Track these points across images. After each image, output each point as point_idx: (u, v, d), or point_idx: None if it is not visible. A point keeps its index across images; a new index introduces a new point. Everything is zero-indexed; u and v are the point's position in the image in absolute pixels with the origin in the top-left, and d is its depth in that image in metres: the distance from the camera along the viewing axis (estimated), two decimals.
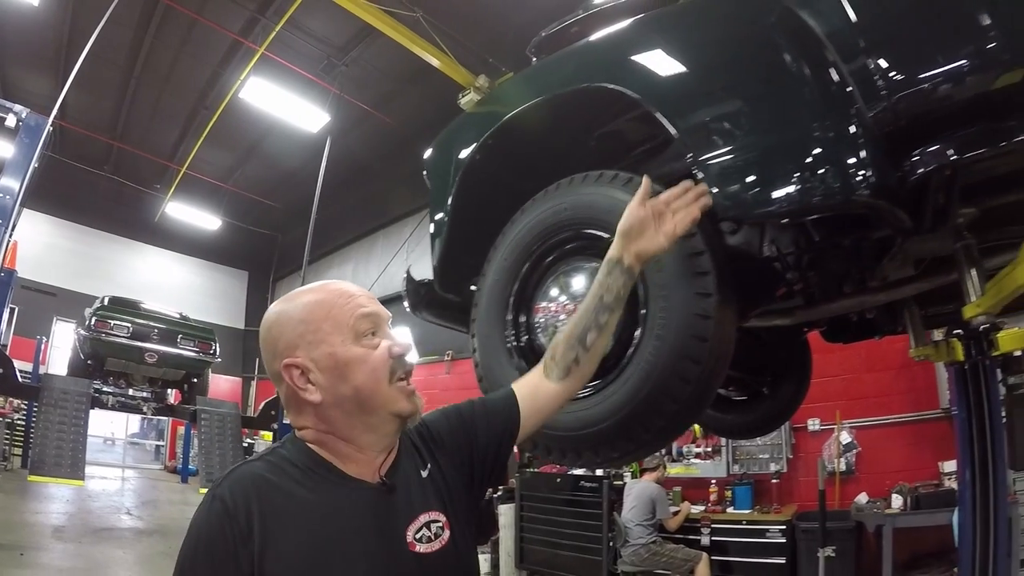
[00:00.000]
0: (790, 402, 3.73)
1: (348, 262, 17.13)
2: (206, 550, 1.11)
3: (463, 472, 1.37)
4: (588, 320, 1.48)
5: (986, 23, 1.60)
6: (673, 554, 6.57)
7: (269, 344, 1.27)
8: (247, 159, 15.65)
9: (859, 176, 1.61)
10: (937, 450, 6.58)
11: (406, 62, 10.46)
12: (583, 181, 2.01)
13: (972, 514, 4.68)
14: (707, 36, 1.97)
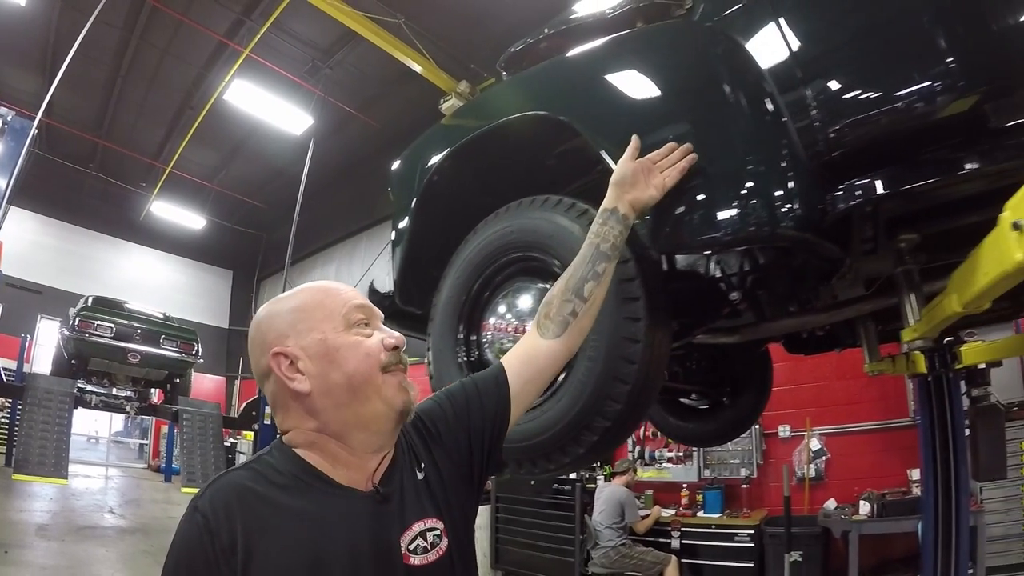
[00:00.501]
0: (750, 411, 3.84)
1: (331, 262, 17.17)
2: (187, 566, 1.06)
3: (462, 463, 1.32)
4: (585, 270, 1.47)
5: (918, 61, 1.69)
6: (642, 556, 6.67)
7: (258, 340, 1.21)
8: (232, 159, 15.70)
9: (785, 210, 1.68)
10: (906, 458, 6.65)
11: (390, 66, 10.57)
12: (529, 205, 2.09)
13: (934, 523, 4.78)
14: (651, 67, 2.03)
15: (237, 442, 13.57)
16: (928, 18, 1.69)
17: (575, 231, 1.88)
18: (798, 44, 1.83)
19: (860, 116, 1.74)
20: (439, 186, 2.51)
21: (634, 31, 2.19)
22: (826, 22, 1.87)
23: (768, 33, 1.89)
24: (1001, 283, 1.49)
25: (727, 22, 2.01)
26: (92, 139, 14.86)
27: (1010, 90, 1.59)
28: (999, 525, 5.79)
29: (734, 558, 6.92)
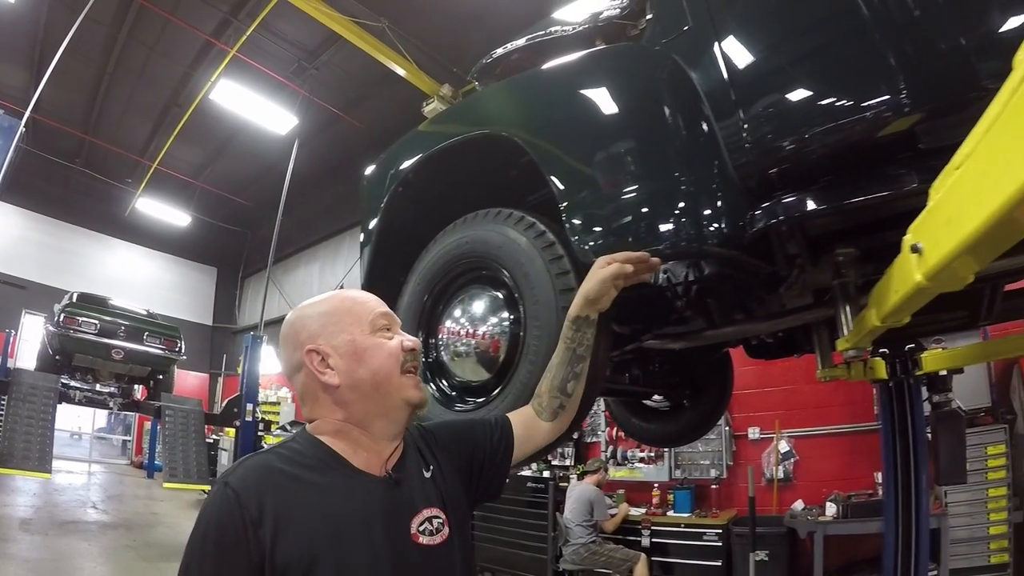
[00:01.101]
0: (711, 413, 3.91)
1: (315, 261, 17.25)
2: (216, 535, 1.15)
3: (463, 475, 1.47)
4: (566, 372, 1.67)
5: (844, 86, 1.79)
6: (612, 554, 6.77)
7: (291, 337, 1.37)
8: (218, 157, 15.76)
9: (713, 228, 1.81)
10: (873, 461, 6.68)
11: (374, 67, 10.65)
12: (483, 217, 2.20)
13: (895, 524, 4.91)
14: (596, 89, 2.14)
15: (219, 439, 13.59)
16: (855, 47, 1.79)
17: (522, 243, 2.00)
18: (734, 68, 1.94)
19: (786, 140, 1.84)
20: (408, 192, 2.61)
21: (582, 55, 2.28)
22: (761, 48, 1.98)
23: (708, 57, 2.00)
24: (910, 301, 1.54)
25: (672, 45, 2.11)
26: (79, 135, 14.86)
27: (942, 112, 1.67)
28: (964, 528, 5.90)
29: (702, 557, 7.04)
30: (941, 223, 1.22)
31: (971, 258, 1.19)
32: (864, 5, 1.73)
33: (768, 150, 1.86)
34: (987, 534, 5.87)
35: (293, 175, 12.21)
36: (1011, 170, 0.91)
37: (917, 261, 1.36)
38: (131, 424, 18.52)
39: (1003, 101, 0.94)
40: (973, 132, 1.07)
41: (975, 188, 1.05)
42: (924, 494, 4.81)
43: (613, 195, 1.93)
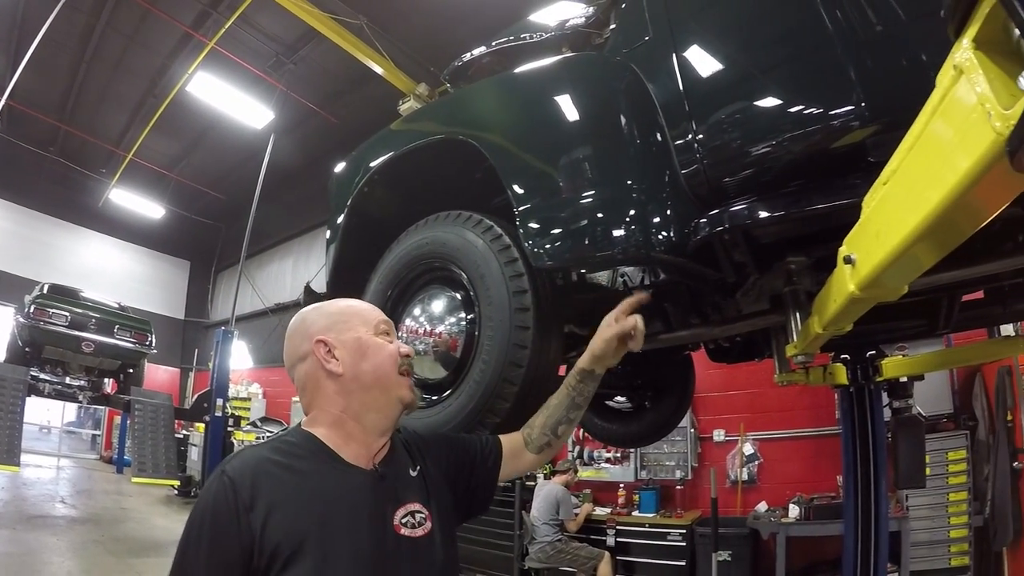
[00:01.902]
0: (672, 415, 3.97)
1: (289, 256, 17.14)
2: (212, 517, 1.25)
3: (449, 481, 1.57)
4: (561, 415, 1.76)
5: (794, 102, 1.85)
6: (577, 552, 6.84)
7: (301, 329, 1.51)
8: (193, 149, 15.59)
9: (660, 235, 1.86)
10: (836, 464, 6.70)
11: (352, 64, 10.61)
12: (444, 219, 2.25)
13: (855, 527, 4.98)
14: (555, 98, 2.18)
15: (189, 434, 13.49)
16: (806, 65, 1.86)
17: (479, 246, 2.06)
18: (689, 80, 2.00)
19: (735, 151, 1.90)
20: (375, 190, 2.65)
21: (542, 63, 2.34)
22: (716, 61, 2.03)
23: (665, 68, 2.05)
24: (847, 311, 1.58)
25: (633, 56, 2.17)
26: (54, 123, 14.61)
27: (891, 127, 1.66)
28: (925, 531, 6.01)
29: (666, 556, 7.14)
30: (871, 236, 1.26)
31: (899, 271, 1.24)
32: (815, 25, 1.79)
33: (717, 160, 1.92)
34: (948, 537, 5.99)
35: (268, 170, 12.14)
36: (931, 188, 0.94)
37: (850, 272, 1.41)
38: (101, 418, 18.26)
39: (924, 121, 0.98)
40: (899, 148, 1.11)
41: (900, 203, 1.09)
42: (883, 497, 4.88)
43: (566, 201, 1.98)
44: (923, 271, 1.28)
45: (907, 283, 1.36)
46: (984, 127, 0.75)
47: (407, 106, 10.00)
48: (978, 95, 0.76)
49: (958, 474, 6.08)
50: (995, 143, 0.74)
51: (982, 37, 0.78)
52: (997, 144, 0.74)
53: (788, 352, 2.32)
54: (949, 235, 1.05)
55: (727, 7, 2.09)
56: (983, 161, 0.79)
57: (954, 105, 0.85)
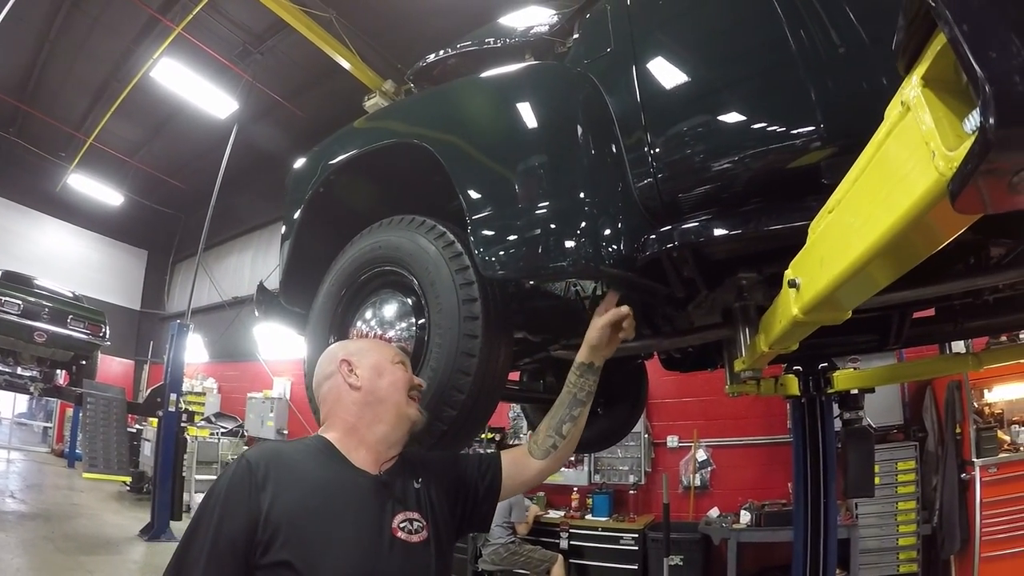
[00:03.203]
0: (624, 422, 3.97)
1: (249, 249, 16.84)
2: (227, 490, 1.40)
3: (449, 499, 1.68)
4: (564, 414, 1.85)
5: (750, 121, 1.87)
6: (531, 555, 6.87)
7: (328, 357, 1.71)
8: (155, 136, 15.21)
9: (611, 249, 1.86)
10: (787, 471, 6.77)
11: (319, 58, 10.45)
12: (397, 224, 2.23)
13: (804, 534, 5.08)
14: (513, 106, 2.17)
15: (142, 428, 13.18)
16: (764, 83, 1.87)
17: (431, 251, 2.04)
18: (647, 93, 2.02)
19: (689, 167, 1.92)
20: (333, 188, 2.61)
21: (501, 72, 2.33)
22: (675, 77, 2.05)
23: (624, 81, 2.08)
24: (791, 332, 1.59)
25: (593, 67, 2.19)
26: (13, 102, 14.14)
27: (847, 151, 1.66)
28: (874, 538, 6.19)
29: (619, 560, 7.22)
30: (816, 262, 1.28)
31: (842, 297, 1.25)
32: (775, 47, 1.81)
33: (670, 175, 1.94)
34: (896, 545, 6.19)
35: (230, 160, 11.90)
36: (874, 221, 0.95)
37: (795, 296, 1.43)
38: (53, 410, 17.82)
39: (869, 154, 0.98)
40: (846, 178, 1.12)
41: (844, 233, 1.10)
42: (832, 505, 4.99)
43: (518, 211, 1.97)
44: (867, 298, 1.29)
45: (850, 308, 1.38)
46: (927, 166, 0.76)
47: (373, 102, 9.91)
48: (923, 133, 0.77)
49: (907, 484, 6.27)
50: (937, 183, 0.74)
51: (931, 75, 0.79)
52: (939, 184, 0.74)
53: (736, 367, 2.34)
54: (891, 267, 1.07)
55: (690, 24, 2.12)
56: (925, 200, 0.79)
57: (900, 141, 0.85)
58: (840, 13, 1.75)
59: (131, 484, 11.58)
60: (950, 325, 2.77)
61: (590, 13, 2.37)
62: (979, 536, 5.65)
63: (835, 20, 1.76)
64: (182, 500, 9.46)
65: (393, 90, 9.98)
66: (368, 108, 9.80)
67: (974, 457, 5.82)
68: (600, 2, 2.34)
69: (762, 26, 1.88)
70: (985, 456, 5.82)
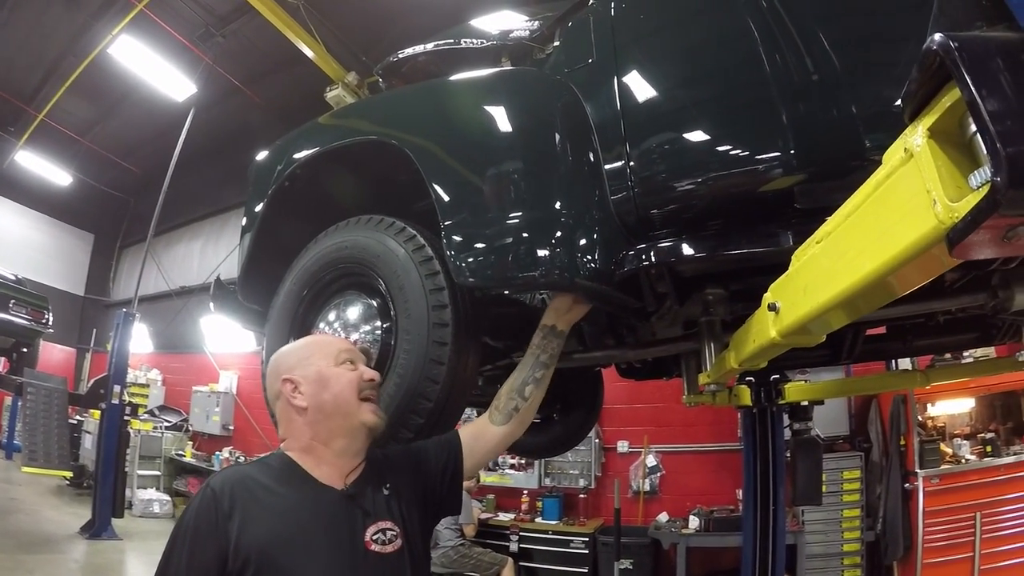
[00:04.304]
0: (579, 429, 3.99)
1: (199, 237, 16.34)
2: (195, 523, 1.38)
3: (417, 495, 1.66)
4: (527, 375, 1.84)
5: (732, 140, 1.90)
6: (480, 557, 6.85)
7: (273, 371, 1.64)
8: (109, 116, 14.69)
9: (586, 262, 1.85)
10: (735, 478, 7.08)
11: (283, 44, 10.20)
12: (366, 223, 2.17)
13: (753, 539, 5.18)
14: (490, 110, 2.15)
15: (84, 420, 12.76)
16: (747, 103, 1.90)
17: (400, 254, 1.99)
18: (628, 106, 2.01)
19: (668, 183, 1.93)
20: (297, 184, 2.54)
21: (481, 74, 2.32)
22: (658, 91, 2.06)
23: (605, 92, 2.07)
24: (765, 352, 1.63)
25: (574, 76, 2.18)
26: None
27: (820, 178, 1.78)
28: (820, 544, 6.41)
29: (569, 563, 7.26)
30: (798, 289, 1.31)
31: (823, 323, 1.30)
32: (757, 68, 1.84)
33: (649, 190, 1.94)
34: (841, 551, 6.43)
35: (185, 145, 11.62)
36: (865, 256, 0.99)
37: (773, 319, 1.46)
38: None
39: (866, 193, 1.01)
40: (838, 212, 1.15)
41: (831, 265, 1.15)
42: (781, 512, 5.14)
43: (493, 218, 1.94)
44: (843, 325, 1.33)
45: (825, 333, 1.40)
46: (927, 213, 0.79)
47: (334, 94, 9.77)
48: (925, 181, 0.80)
49: (852, 492, 6.52)
50: (936, 229, 0.78)
51: (937, 127, 0.82)
52: (938, 231, 0.78)
53: (701, 380, 2.37)
54: (874, 299, 1.11)
55: (674, 40, 2.14)
56: (921, 243, 0.83)
57: (900, 185, 0.88)
58: (815, 41, 1.79)
59: (71, 479, 11.20)
60: (899, 343, 2.88)
61: (572, 22, 2.35)
62: (922, 543, 5.89)
63: (810, 47, 1.80)
64: (124, 497, 9.22)
65: (356, 83, 9.86)
66: (329, 100, 9.70)
67: (918, 468, 6.05)
68: (583, 12, 2.32)
69: (743, 46, 1.91)
70: (928, 467, 6.05)
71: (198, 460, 12.05)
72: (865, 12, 1.85)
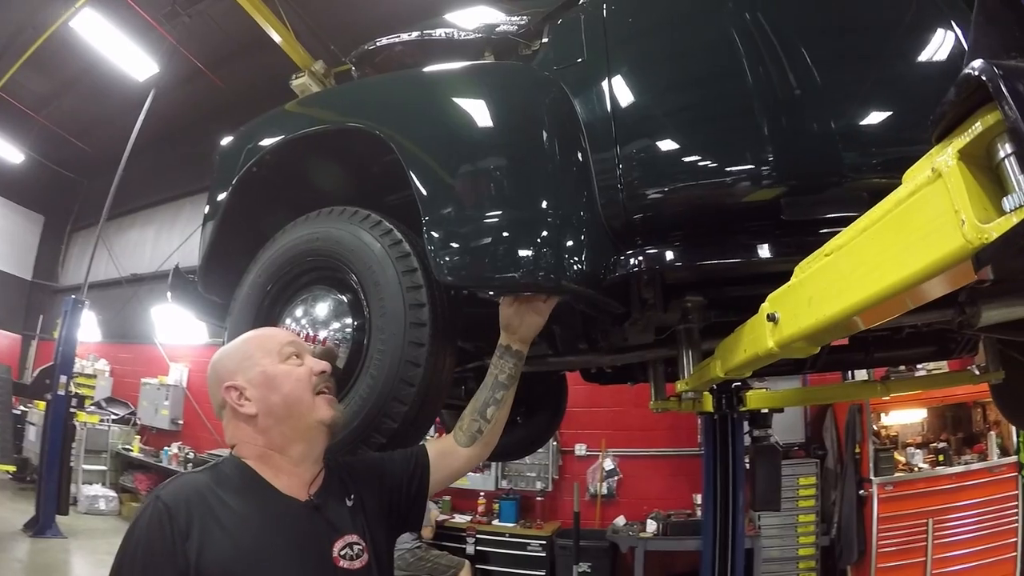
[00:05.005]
0: (542, 432, 3.99)
1: (152, 224, 15.79)
2: (147, 544, 1.23)
3: (382, 506, 1.55)
4: (487, 396, 1.78)
5: (724, 148, 1.91)
6: (437, 560, 6.77)
7: (214, 377, 1.49)
8: (66, 92, 14.07)
9: (573, 264, 1.81)
10: (692, 483, 7.27)
11: (251, 28, 9.97)
12: (339, 215, 2.07)
13: (713, 543, 5.29)
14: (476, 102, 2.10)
15: (28, 411, 12.29)
16: (739, 112, 1.91)
17: (376, 249, 1.90)
18: (620, 108, 2.00)
19: (660, 187, 1.91)
20: (263, 172, 2.43)
21: (470, 66, 2.28)
22: (650, 94, 2.07)
23: (596, 92, 2.05)
24: (756, 361, 1.63)
25: (563, 74, 2.15)
26: None
27: (807, 189, 1.81)
28: (775, 548, 6.62)
29: (526, 566, 7.25)
30: (802, 300, 1.31)
31: (826, 335, 1.30)
32: (749, 76, 1.88)
33: (639, 194, 1.93)
34: (797, 555, 6.64)
35: (142, 128, 11.25)
36: (884, 270, 1.00)
37: (772, 329, 1.45)
38: None
39: (886, 209, 1.01)
40: (852, 226, 1.15)
41: (841, 278, 1.15)
42: (740, 516, 5.32)
43: (479, 214, 1.89)
44: (841, 337, 1.31)
45: (822, 345, 1.40)
46: (954, 232, 0.82)
47: (300, 82, 9.57)
48: (953, 201, 0.82)
49: (807, 498, 6.75)
50: (963, 248, 0.81)
51: (967, 150, 0.84)
52: (965, 250, 0.80)
53: (679, 387, 2.42)
54: (883, 313, 1.13)
55: (668, 43, 2.16)
56: (945, 261, 0.85)
57: (924, 203, 0.90)
58: (797, 56, 1.86)
59: (14, 473, 10.78)
60: (861, 354, 2.96)
61: (562, 19, 2.32)
62: (876, 548, 6.15)
63: (793, 62, 1.86)
64: (69, 492, 8.93)
65: (323, 72, 9.68)
66: (295, 88, 9.50)
67: (872, 475, 6.31)
68: (573, 11, 2.30)
69: (738, 58, 1.93)
70: (882, 475, 6.32)
71: (146, 455, 11.65)
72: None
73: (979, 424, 6.89)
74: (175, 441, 11.59)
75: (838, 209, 1.77)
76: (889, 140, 1.81)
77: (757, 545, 6.41)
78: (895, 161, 1.73)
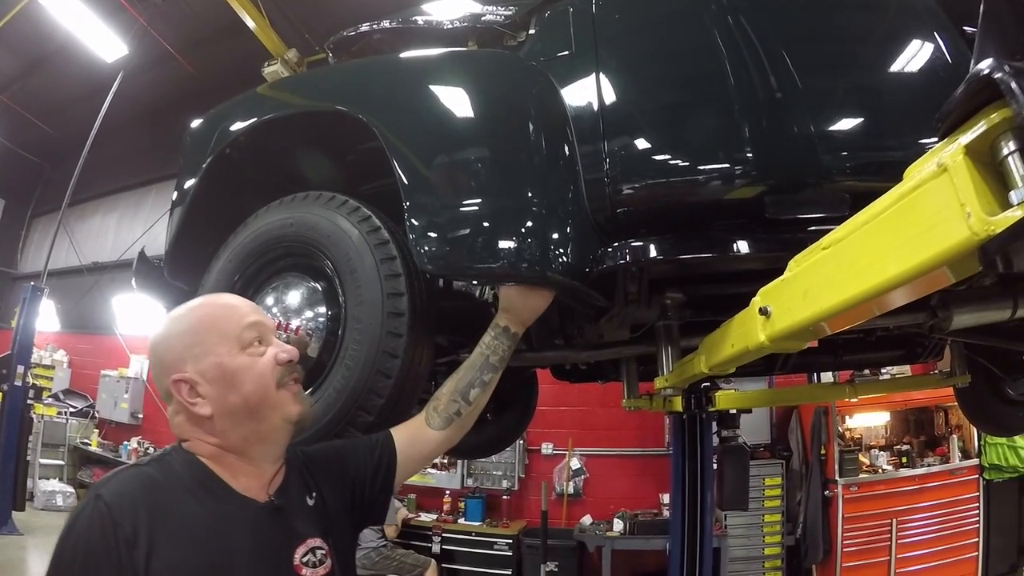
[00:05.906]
0: (512, 430, 3.97)
1: (115, 211, 15.41)
2: (86, 550, 1.06)
3: (344, 500, 1.41)
4: (472, 376, 1.66)
5: (712, 144, 1.91)
6: (403, 559, 6.74)
7: (157, 360, 1.27)
8: (32, 72, 13.64)
9: (558, 256, 1.78)
10: (659, 483, 7.38)
11: (224, 12, 9.75)
12: (314, 200, 2.00)
13: (681, 542, 5.37)
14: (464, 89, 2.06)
15: None
16: (729, 109, 1.91)
17: (353, 235, 1.84)
18: (608, 102, 1.98)
19: (648, 181, 1.90)
20: (236, 155, 2.36)
21: (457, 52, 2.26)
22: (640, 89, 2.07)
23: (584, 84, 2.03)
24: (743, 356, 1.61)
25: (550, 64, 2.14)
26: None
27: (791, 188, 1.82)
28: (742, 548, 6.78)
29: (493, 565, 7.26)
30: (797, 294, 1.30)
31: (817, 329, 1.30)
32: (735, 74, 1.90)
33: (626, 188, 1.91)
34: (763, 554, 6.83)
35: (108, 112, 11.00)
36: (885, 263, 1.01)
37: (763, 323, 1.43)
38: None
39: (887, 203, 1.02)
40: (851, 220, 1.15)
41: (840, 271, 1.15)
42: (708, 515, 5.49)
43: (463, 202, 1.84)
44: (835, 331, 1.32)
45: (813, 339, 1.40)
46: (960, 224, 0.83)
47: (272, 69, 9.45)
48: (959, 195, 0.84)
49: (773, 498, 6.93)
50: (968, 240, 0.82)
51: (973, 146, 0.86)
52: (971, 242, 0.82)
53: (658, 384, 2.34)
54: (888, 302, 1.11)
55: (656, 39, 2.19)
56: (950, 253, 0.87)
57: (929, 197, 0.91)
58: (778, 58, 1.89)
59: None
60: (830, 356, 2.96)
61: (549, 12, 2.30)
62: (840, 547, 6.34)
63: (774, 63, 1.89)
64: (25, 488, 8.71)
65: (296, 60, 9.56)
66: (267, 75, 9.37)
67: (837, 476, 6.50)
68: (562, 3, 2.29)
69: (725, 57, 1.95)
70: (847, 476, 6.51)
71: (104, 449, 11.40)
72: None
73: (941, 427, 7.12)
74: (135, 436, 11.35)
75: (821, 210, 1.78)
76: (871, 144, 1.84)
77: (724, 544, 6.51)
78: (876, 165, 1.79)
